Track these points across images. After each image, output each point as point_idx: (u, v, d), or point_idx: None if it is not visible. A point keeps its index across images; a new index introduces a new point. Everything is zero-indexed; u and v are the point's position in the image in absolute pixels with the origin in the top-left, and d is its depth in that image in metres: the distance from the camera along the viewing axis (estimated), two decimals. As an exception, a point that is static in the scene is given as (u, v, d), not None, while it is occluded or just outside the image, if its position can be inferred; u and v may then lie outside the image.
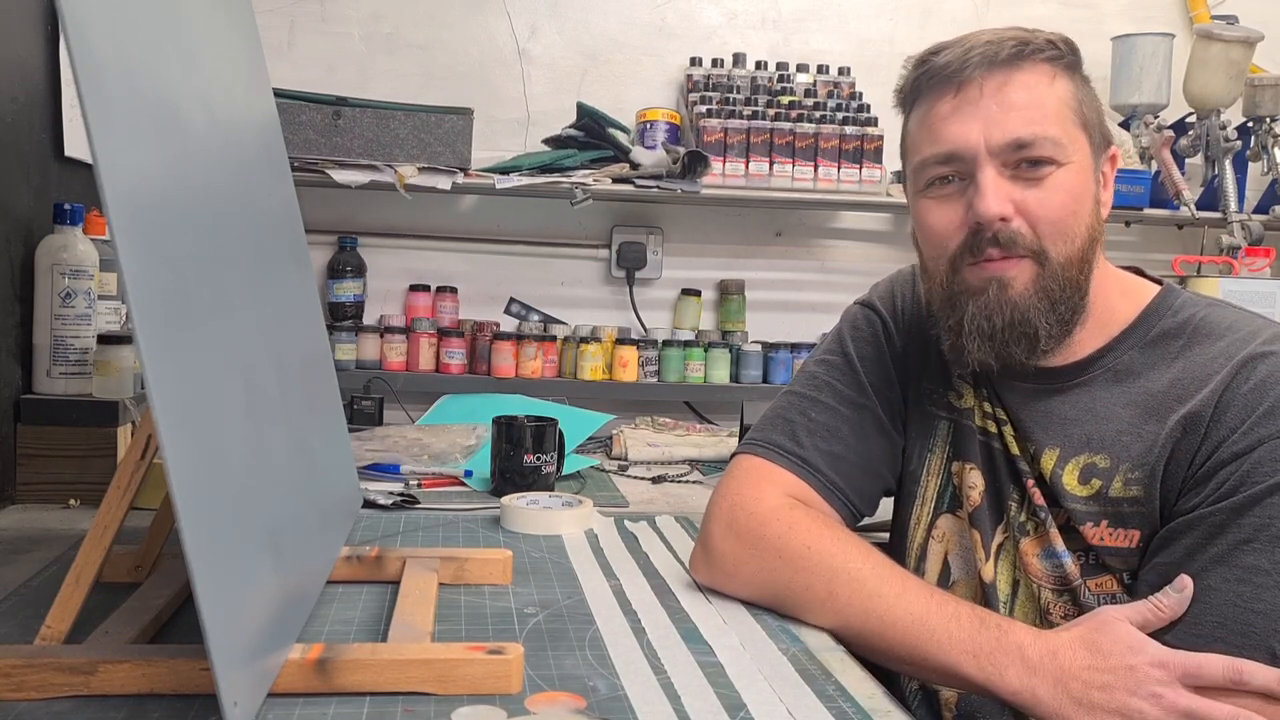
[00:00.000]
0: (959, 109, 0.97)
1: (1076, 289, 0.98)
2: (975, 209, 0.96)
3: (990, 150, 0.96)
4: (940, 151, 0.98)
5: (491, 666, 0.78)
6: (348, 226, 2.40)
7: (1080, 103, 0.99)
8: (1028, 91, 0.96)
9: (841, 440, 1.10)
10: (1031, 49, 0.97)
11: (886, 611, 0.92)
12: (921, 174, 1.01)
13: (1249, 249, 2.37)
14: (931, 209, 1.01)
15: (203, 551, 0.61)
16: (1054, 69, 0.98)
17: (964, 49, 0.97)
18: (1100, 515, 0.97)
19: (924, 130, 1.01)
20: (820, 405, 1.11)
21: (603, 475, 1.79)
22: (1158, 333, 1.00)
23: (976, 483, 1.06)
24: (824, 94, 2.42)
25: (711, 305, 2.56)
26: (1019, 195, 0.96)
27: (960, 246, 0.99)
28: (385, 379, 2.22)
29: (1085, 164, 0.98)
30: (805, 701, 0.79)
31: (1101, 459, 0.98)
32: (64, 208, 1.49)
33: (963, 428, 1.09)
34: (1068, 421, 1.00)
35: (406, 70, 2.42)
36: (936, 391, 1.11)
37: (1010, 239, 0.96)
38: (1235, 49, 2.38)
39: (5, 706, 0.73)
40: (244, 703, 0.64)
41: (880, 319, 1.16)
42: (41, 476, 1.43)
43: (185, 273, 0.68)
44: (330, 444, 1.11)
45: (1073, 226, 0.97)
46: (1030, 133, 0.95)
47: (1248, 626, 0.85)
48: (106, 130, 0.58)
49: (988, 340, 0.98)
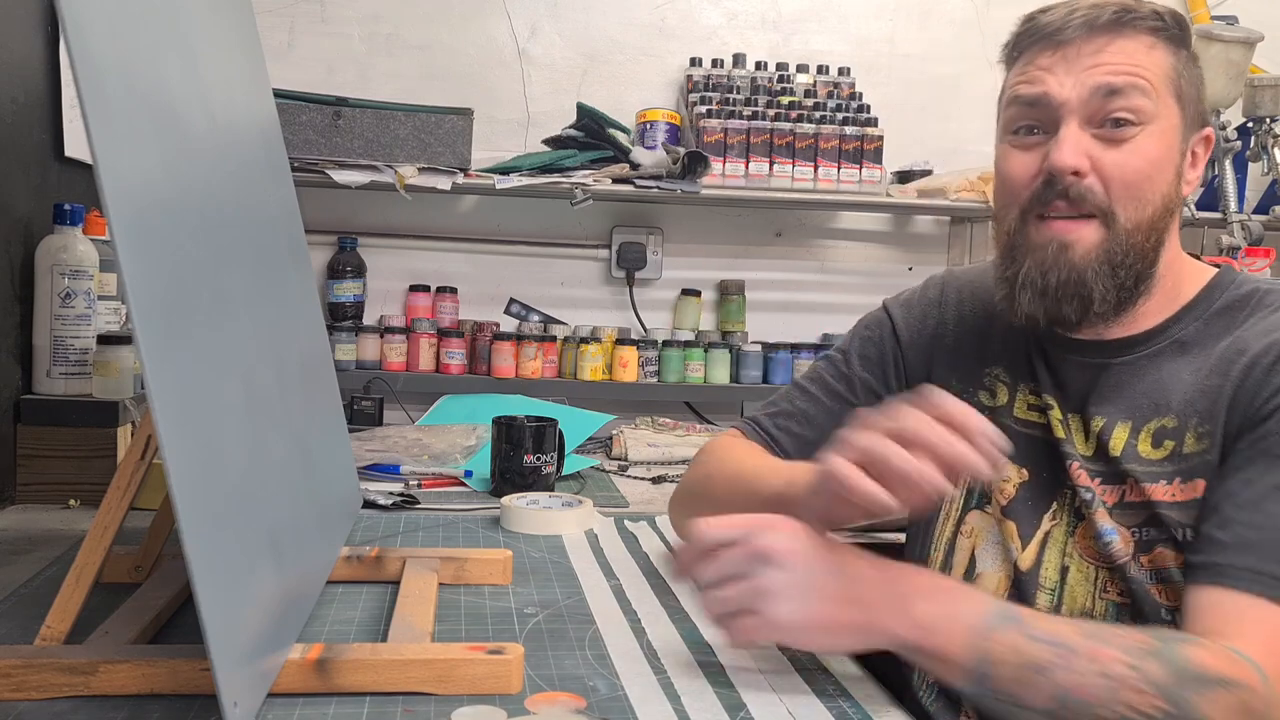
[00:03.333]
0: (1056, 63, 0.98)
1: (1143, 257, 0.98)
2: (1050, 159, 0.96)
3: (1078, 101, 0.96)
4: (1030, 93, 0.99)
5: (491, 666, 0.78)
6: (348, 227, 2.40)
7: (1179, 74, 0.99)
8: (1125, 55, 0.97)
9: (816, 428, 1.16)
10: (1133, 16, 0.97)
11: (746, 466, 1.09)
12: (1007, 116, 1.02)
13: (1249, 249, 2.37)
14: (1010, 155, 1.02)
15: (203, 552, 0.61)
16: (1154, 39, 0.98)
17: (1068, 9, 0.98)
18: (1174, 474, 0.96)
19: (1018, 75, 1.01)
20: (807, 395, 1.19)
21: (603, 475, 1.79)
22: (1223, 304, 1.01)
23: (1010, 476, 1.07)
24: (824, 94, 2.42)
25: (711, 305, 2.56)
26: (1098, 153, 0.96)
27: (1031, 197, 0.99)
28: (385, 379, 2.22)
29: (1172, 132, 0.98)
30: (805, 701, 0.79)
31: (1170, 420, 0.98)
32: (64, 208, 1.49)
33: (997, 426, 1.09)
34: (1137, 393, 1.01)
35: (406, 71, 2.42)
36: (966, 391, 1.11)
37: (1080, 195, 0.96)
38: (1235, 49, 2.38)
39: (5, 706, 0.73)
40: (244, 703, 0.64)
41: (891, 322, 1.19)
42: (41, 477, 1.43)
43: (185, 273, 0.68)
44: (330, 444, 1.11)
45: (1147, 192, 0.97)
46: (1122, 80, 0.95)
47: None
48: (106, 130, 0.58)
49: (1039, 295, 0.99)
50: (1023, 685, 0.78)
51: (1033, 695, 0.78)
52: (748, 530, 0.83)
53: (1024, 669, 0.78)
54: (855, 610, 0.81)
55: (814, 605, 0.81)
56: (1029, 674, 0.78)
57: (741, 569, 0.82)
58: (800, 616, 0.80)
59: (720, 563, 0.83)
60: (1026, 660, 0.79)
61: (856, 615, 0.81)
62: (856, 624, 0.81)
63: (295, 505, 0.86)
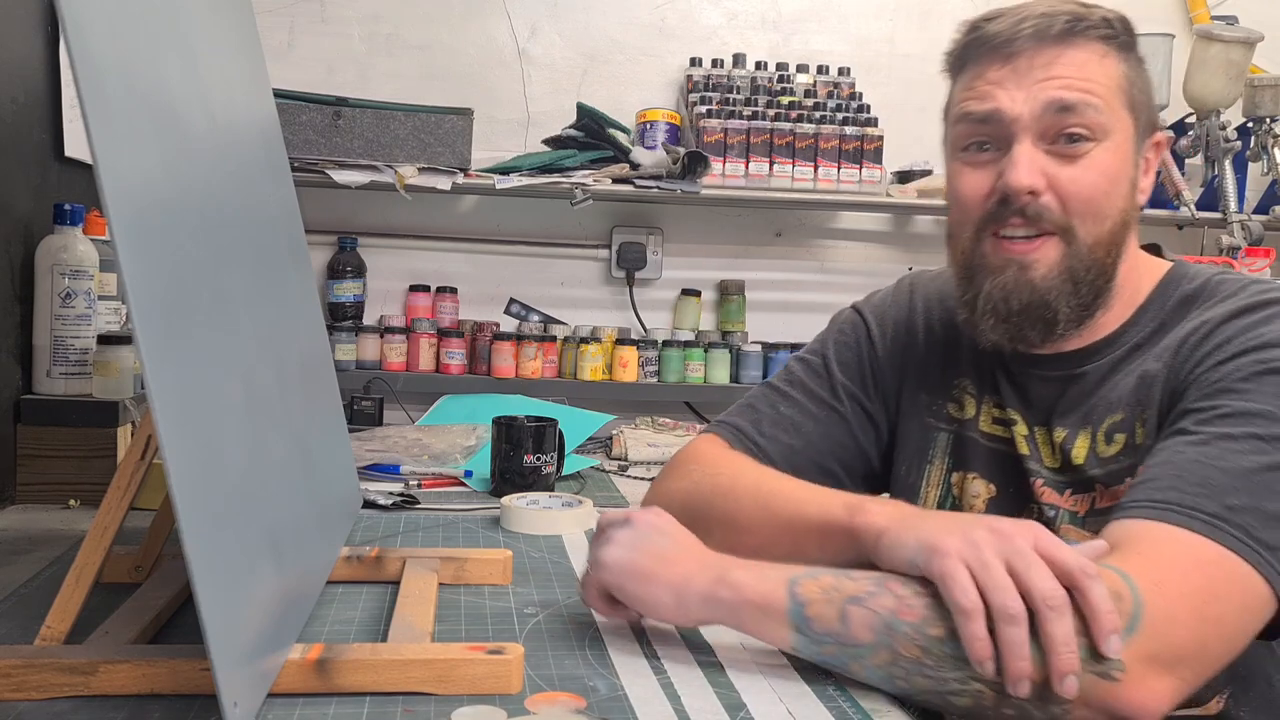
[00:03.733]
0: (1006, 77, 0.96)
1: (1102, 272, 0.97)
2: (1005, 178, 0.95)
3: (1031, 117, 0.95)
4: (981, 110, 0.97)
5: (491, 666, 0.77)
6: (348, 227, 2.41)
7: (1131, 83, 0.97)
8: (1077, 67, 0.95)
9: (803, 436, 1.12)
10: (1085, 25, 0.95)
11: (773, 487, 0.99)
12: (957, 132, 1.01)
13: (1249, 249, 2.37)
14: (963, 173, 1.00)
15: (203, 552, 0.61)
16: (1106, 47, 0.96)
17: (1017, 19, 0.96)
18: (1133, 467, 0.95)
19: (967, 93, 0.99)
20: (790, 400, 1.14)
21: (603, 475, 1.79)
22: (1177, 301, 1.00)
23: (980, 491, 1.06)
24: (824, 94, 2.42)
25: (711, 306, 2.56)
26: (1053, 170, 0.95)
27: (986, 216, 0.98)
28: (385, 379, 2.22)
29: (1126, 145, 0.97)
30: (805, 701, 0.79)
31: (1119, 414, 0.98)
32: (64, 208, 1.49)
33: (965, 439, 1.08)
34: (1097, 399, 1.00)
35: (406, 71, 2.42)
36: (936, 404, 1.11)
37: (1037, 213, 0.95)
38: (1235, 49, 2.38)
39: (5, 707, 0.73)
40: (244, 703, 0.64)
41: (866, 326, 1.16)
42: (41, 477, 1.43)
43: (185, 273, 0.68)
44: (330, 444, 1.11)
45: (1104, 207, 0.96)
46: (1075, 97, 0.94)
47: (1206, 479, 0.83)
48: (106, 130, 0.58)
49: (1002, 321, 0.98)
50: (844, 621, 0.77)
51: (856, 630, 0.77)
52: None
53: (840, 603, 0.78)
54: (669, 567, 0.84)
55: (634, 555, 0.85)
56: (846, 606, 0.77)
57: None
58: (620, 559, 0.85)
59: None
60: (843, 593, 0.78)
61: (670, 572, 0.84)
62: (670, 580, 0.83)
63: (295, 505, 0.86)
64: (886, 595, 0.77)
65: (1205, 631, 0.77)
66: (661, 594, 0.83)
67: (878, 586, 0.78)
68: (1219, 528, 0.80)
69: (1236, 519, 0.81)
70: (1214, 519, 0.81)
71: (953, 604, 0.73)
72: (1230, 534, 0.80)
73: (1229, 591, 0.79)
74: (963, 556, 0.74)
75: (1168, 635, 0.75)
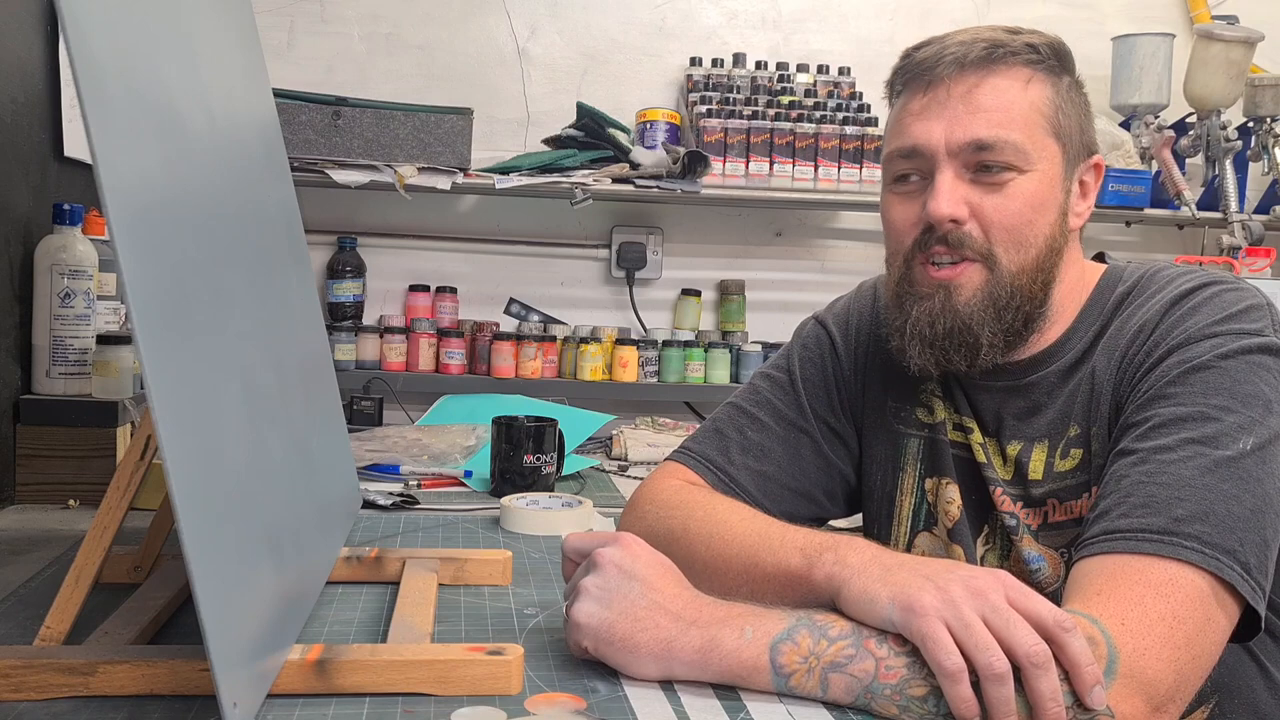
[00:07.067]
0: (927, 108, 0.97)
1: (1030, 298, 0.98)
2: (928, 209, 0.96)
3: (950, 150, 0.96)
4: (903, 146, 0.99)
5: (491, 667, 0.77)
6: (347, 226, 2.41)
7: (1056, 109, 0.97)
8: (996, 95, 0.95)
9: (774, 461, 1.10)
10: (1005, 51, 0.96)
11: (726, 534, 0.93)
12: (888, 168, 1.02)
13: (1249, 249, 2.37)
14: (893, 204, 1.02)
15: (202, 552, 0.61)
16: (1030, 72, 0.97)
17: (940, 47, 0.97)
18: (1090, 482, 0.96)
19: (894, 125, 1.01)
20: (758, 423, 1.12)
21: (603, 476, 1.78)
22: (1114, 302, 1.00)
23: (954, 497, 1.06)
24: (824, 94, 2.42)
25: (711, 305, 2.56)
26: (976, 199, 0.96)
27: (913, 244, 0.99)
28: (385, 379, 2.22)
29: (1052, 173, 0.97)
30: (805, 701, 0.79)
31: (1074, 428, 0.98)
32: (63, 208, 1.49)
33: (936, 443, 1.08)
34: (1048, 411, 1.00)
35: (406, 70, 2.42)
36: (905, 409, 1.10)
37: (959, 240, 0.96)
38: (1235, 49, 2.38)
39: (5, 707, 0.73)
40: (244, 703, 0.64)
41: (830, 339, 1.15)
42: (41, 477, 1.43)
43: (185, 273, 0.68)
44: (330, 444, 1.11)
45: (1028, 235, 0.96)
46: (992, 135, 0.94)
47: (1150, 497, 0.83)
48: (106, 130, 0.58)
49: (928, 346, 0.99)
50: (825, 688, 0.75)
51: (837, 694, 0.75)
52: (599, 542, 0.84)
53: (821, 671, 0.75)
54: (647, 632, 0.79)
55: (608, 615, 0.79)
56: (827, 675, 0.75)
57: (579, 576, 0.83)
58: (594, 621, 0.79)
59: (575, 572, 0.85)
60: (822, 661, 0.75)
61: (649, 637, 0.79)
62: (652, 649, 0.78)
63: (295, 505, 0.86)
64: (866, 658, 0.75)
65: (1177, 656, 0.77)
66: (646, 666, 0.79)
67: (856, 649, 0.75)
68: (1169, 543, 0.81)
69: (1185, 529, 0.81)
70: (1163, 535, 0.81)
71: (936, 666, 0.71)
72: (1182, 546, 0.80)
73: (1190, 611, 0.79)
74: (941, 616, 0.72)
75: (1144, 672, 0.75)
